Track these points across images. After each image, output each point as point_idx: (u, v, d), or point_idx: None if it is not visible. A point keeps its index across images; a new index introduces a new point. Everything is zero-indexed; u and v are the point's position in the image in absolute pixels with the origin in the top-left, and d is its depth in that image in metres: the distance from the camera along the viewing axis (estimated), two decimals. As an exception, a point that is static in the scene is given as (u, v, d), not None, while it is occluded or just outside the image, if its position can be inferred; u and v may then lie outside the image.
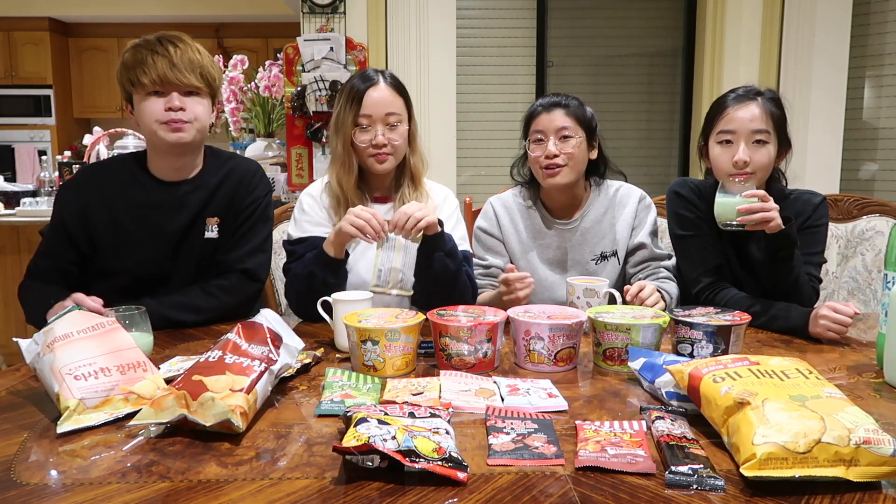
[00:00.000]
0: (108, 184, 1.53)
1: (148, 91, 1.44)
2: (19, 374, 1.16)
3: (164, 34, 1.47)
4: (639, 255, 1.73)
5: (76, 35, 6.56)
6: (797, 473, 0.73)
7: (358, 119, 1.56)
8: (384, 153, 1.57)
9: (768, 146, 1.53)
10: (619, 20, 3.98)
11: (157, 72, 1.42)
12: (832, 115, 3.52)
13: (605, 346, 1.20)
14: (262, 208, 1.61)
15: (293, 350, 1.06)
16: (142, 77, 1.42)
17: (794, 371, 0.90)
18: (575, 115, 1.66)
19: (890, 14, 3.51)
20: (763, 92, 1.57)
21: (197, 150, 1.55)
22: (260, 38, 6.46)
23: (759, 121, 1.52)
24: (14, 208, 3.51)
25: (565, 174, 1.66)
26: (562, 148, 1.65)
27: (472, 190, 3.77)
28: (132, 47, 1.46)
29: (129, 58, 1.45)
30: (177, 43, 1.45)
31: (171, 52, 1.43)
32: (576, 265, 1.75)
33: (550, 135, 1.65)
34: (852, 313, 1.33)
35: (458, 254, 1.53)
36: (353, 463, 0.77)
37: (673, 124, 4.04)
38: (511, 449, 0.83)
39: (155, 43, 1.44)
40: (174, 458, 0.83)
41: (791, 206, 1.60)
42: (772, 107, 1.54)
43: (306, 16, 3.48)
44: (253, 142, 3.64)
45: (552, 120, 1.66)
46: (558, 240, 1.75)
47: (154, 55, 1.42)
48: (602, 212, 1.75)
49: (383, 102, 1.56)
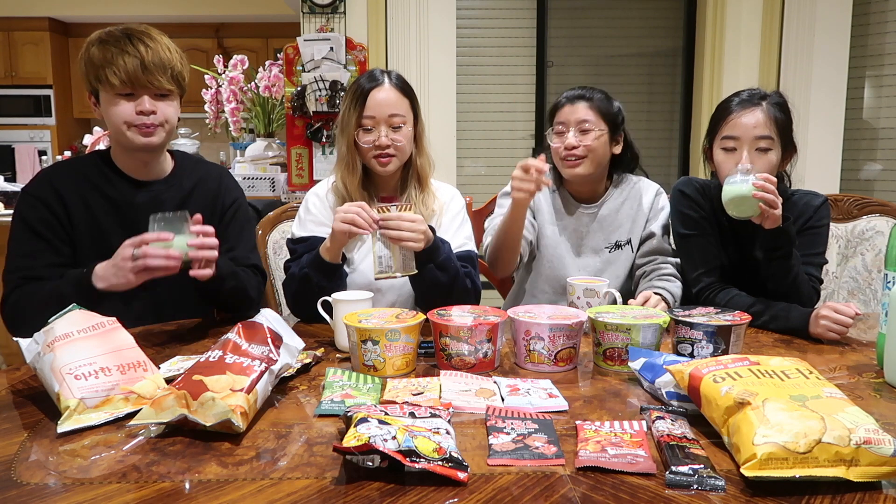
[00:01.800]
0: (80, 181, 1.47)
1: (117, 92, 1.39)
2: (19, 374, 1.16)
3: (130, 29, 1.41)
4: (647, 245, 1.76)
5: (76, 35, 6.55)
6: (797, 473, 0.73)
7: (361, 120, 1.55)
8: (387, 155, 1.56)
9: (771, 153, 1.52)
10: (619, 20, 3.98)
11: (128, 73, 1.36)
12: (832, 115, 3.52)
13: (606, 346, 1.20)
14: (245, 207, 1.61)
15: (293, 350, 1.06)
16: (111, 77, 1.36)
17: (794, 371, 0.90)
18: (598, 109, 1.68)
19: (890, 14, 3.51)
20: (769, 95, 1.56)
21: (164, 149, 1.53)
22: (260, 38, 6.45)
23: (762, 127, 1.51)
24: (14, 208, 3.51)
25: (584, 166, 1.69)
26: (581, 140, 1.67)
27: (472, 189, 3.77)
28: (98, 42, 1.39)
29: (96, 54, 1.38)
30: (146, 41, 1.38)
31: (143, 52, 1.37)
32: (590, 251, 1.78)
33: (571, 126, 1.68)
34: (853, 314, 1.34)
35: (452, 265, 1.48)
36: (353, 463, 0.77)
37: (673, 124, 4.04)
38: (511, 449, 0.83)
39: (123, 40, 1.38)
40: (174, 458, 0.83)
41: (792, 208, 1.60)
42: (776, 112, 1.53)
43: (306, 16, 3.48)
44: (253, 142, 3.64)
45: (574, 111, 1.68)
46: (576, 223, 1.78)
47: (124, 55, 1.36)
48: (621, 202, 1.78)
49: (387, 103, 1.54)
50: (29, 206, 1.44)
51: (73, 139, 6.43)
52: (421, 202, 1.62)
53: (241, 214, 1.58)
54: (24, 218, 1.44)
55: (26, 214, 1.44)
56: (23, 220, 1.44)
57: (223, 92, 3.52)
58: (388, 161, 1.56)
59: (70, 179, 1.46)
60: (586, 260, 1.77)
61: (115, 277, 1.30)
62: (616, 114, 1.72)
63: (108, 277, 1.30)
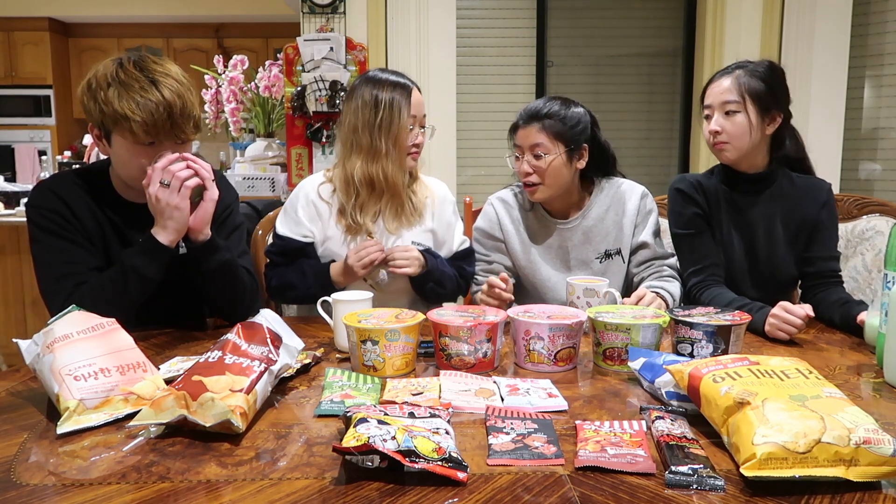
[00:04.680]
0: (82, 192, 1.41)
1: (139, 141, 1.31)
2: (19, 375, 1.16)
3: (151, 70, 1.30)
4: (641, 254, 1.72)
5: (76, 35, 6.56)
6: (797, 473, 0.73)
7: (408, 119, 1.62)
8: (418, 152, 1.68)
9: (738, 115, 1.56)
10: (619, 20, 3.97)
11: (156, 126, 1.28)
12: (832, 114, 3.52)
13: (605, 345, 1.20)
14: (237, 213, 1.60)
15: (293, 350, 1.06)
16: (136, 128, 1.27)
17: (794, 371, 0.90)
18: (552, 131, 1.60)
19: (890, 14, 3.50)
20: (745, 65, 1.59)
21: None
22: (260, 38, 6.45)
23: (728, 93, 1.57)
24: (14, 208, 3.52)
25: (542, 191, 1.65)
26: (535, 166, 1.62)
27: (472, 190, 3.77)
28: (117, 83, 1.28)
29: (114, 97, 1.27)
30: (169, 84, 1.29)
31: (169, 99, 1.28)
32: (580, 265, 1.73)
33: (525, 150, 1.64)
34: (804, 315, 1.33)
35: (448, 280, 1.67)
36: (353, 463, 0.77)
37: (673, 124, 4.04)
38: (511, 449, 0.83)
39: (145, 83, 1.28)
40: (174, 458, 0.83)
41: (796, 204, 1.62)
42: (748, 79, 1.56)
43: (306, 16, 3.48)
44: (253, 142, 3.64)
45: (527, 136, 1.63)
46: (559, 239, 1.73)
47: (148, 103, 1.26)
48: (605, 209, 1.72)
49: (422, 105, 1.66)
50: (41, 217, 1.37)
51: (73, 139, 6.43)
52: (413, 191, 1.72)
53: (231, 220, 1.57)
54: (42, 229, 1.37)
55: (44, 225, 1.37)
56: (42, 231, 1.37)
57: (223, 92, 3.53)
58: (419, 155, 1.69)
59: (71, 189, 1.41)
60: (577, 273, 1.72)
61: (167, 220, 1.32)
62: (573, 128, 1.62)
63: (165, 226, 1.32)
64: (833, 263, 1.63)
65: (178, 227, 1.33)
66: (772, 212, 1.63)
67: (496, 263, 1.75)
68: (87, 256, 1.39)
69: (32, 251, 1.39)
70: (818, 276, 1.62)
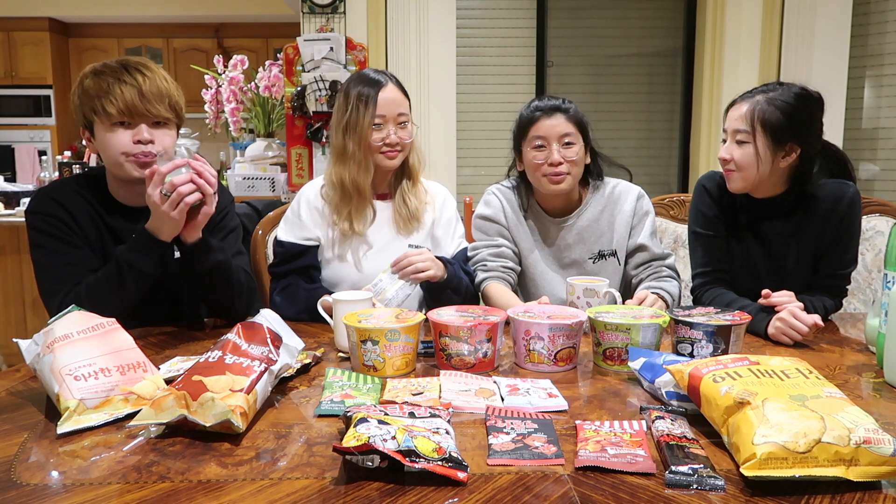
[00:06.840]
0: (80, 199, 1.44)
1: (114, 122, 1.35)
2: (19, 375, 1.16)
3: (126, 61, 1.38)
4: (639, 256, 1.71)
5: (76, 35, 6.56)
6: (797, 473, 0.73)
7: (374, 119, 1.58)
8: (395, 151, 1.61)
9: (747, 146, 1.53)
10: (619, 20, 3.98)
11: (125, 102, 1.33)
12: (832, 115, 3.49)
13: (605, 345, 1.20)
14: (233, 216, 1.60)
15: (293, 350, 1.06)
16: (108, 107, 1.33)
17: (794, 371, 0.90)
18: (576, 121, 1.62)
19: (890, 14, 3.51)
20: (770, 89, 1.55)
21: None
22: (260, 38, 6.46)
23: (740, 120, 1.54)
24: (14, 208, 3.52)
25: (568, 181, 1.63)
26: (565, 155, 1.61)
27: (471, 190, 3.77)
28: (93, 74, 1.36)
29: (91, 85, 1.35)
30: (143, 71, 1.37)
31: (140, 81, 1.35)
32: (574, 264, 1.73)
33: (553, 141, 1.61)
34: (812, 323, 1.32)
35: (462, 283, 1.61)
36: (353, 463, 0.77)
37: (673, 124, 4.04)
38: (511, 449, 0.83)
39: (120, 70, 1.36)
40: (174, 458, 0.83)
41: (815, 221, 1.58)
42: (766, 106, 1.51)
43: (306, 16, 3.48)
44: (253, 142, 3.64)
45: (554, 126, 1.61)
46: (554, 238, 1.73)
47: (121, 84, 1.34)
48: (599, 210, 1.72)
49: (394, 103, 1.59)
50: (42, 222, 1.40)
51: (73, 139, 6.43)
52: (413, 195, 1.69)
53: (226, 223, 1.57)
54: (44, 233, 1.39)
55: (45, 230, 1.39)
56: (44, 235, 1.39)
57: (223, 92, 3.52)
58: (396, 156, 1.62)
59: (70, 196, 1.43)
60: (571, 273, 1.71)
61: (161, 224, 1.32)
62: (587, 123, 1.66)
63: (158, 229, 1.33)
64: (837, 281, 1.59)
65: (171, 231, 1.35)
66: (790, 229, 1.60)
67: (503, 247, 1.71)
68: (87, 259, 1.41)
69: (33, 256, 1.41)
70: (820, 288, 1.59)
